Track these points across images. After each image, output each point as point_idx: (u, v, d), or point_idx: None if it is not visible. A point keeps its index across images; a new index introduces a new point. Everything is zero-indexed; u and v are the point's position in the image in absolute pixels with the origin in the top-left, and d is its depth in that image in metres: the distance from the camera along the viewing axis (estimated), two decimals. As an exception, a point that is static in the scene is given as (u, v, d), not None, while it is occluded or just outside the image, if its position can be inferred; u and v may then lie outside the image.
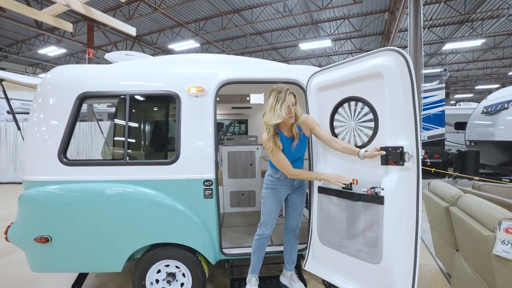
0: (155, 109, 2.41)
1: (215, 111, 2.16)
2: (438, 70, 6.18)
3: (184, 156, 2.08)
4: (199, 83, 2.15)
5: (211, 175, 2.09)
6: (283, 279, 2.29)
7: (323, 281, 2.57)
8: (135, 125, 2.30)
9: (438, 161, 5.92)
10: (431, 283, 2.55)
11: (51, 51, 12.84)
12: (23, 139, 2.21)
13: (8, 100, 2.41)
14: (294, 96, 1.89)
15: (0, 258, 3.20)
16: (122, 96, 2.15)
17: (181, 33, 11.93)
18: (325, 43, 11.93)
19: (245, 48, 13.79)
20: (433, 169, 5.59)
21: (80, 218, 2.00)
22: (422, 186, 1.74)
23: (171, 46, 12.49)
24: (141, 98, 2.24)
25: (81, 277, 2.50)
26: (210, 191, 2.08)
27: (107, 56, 2.86)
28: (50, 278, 2.70)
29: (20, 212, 2.07)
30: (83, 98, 2.13)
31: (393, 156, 1.66)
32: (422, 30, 5.65)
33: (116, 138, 2.65)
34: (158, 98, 2.32)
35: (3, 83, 2.48)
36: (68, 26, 5.20)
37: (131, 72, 2.24)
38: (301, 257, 2.45)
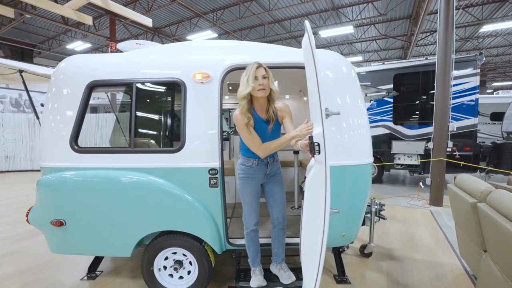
0: (162, 96, 2.40)
1: (221, 98, 2.09)
2: (472, 54, 5.62)
3: (189, 144, 2.05)
4: (204, 70, 2.08)
5: (216, 164, 2.04)
6: (273, 268, 2.23)
7: (334, 275, 2.47)
8: (142, 113, 2.30)
9: (469, 154, 5.45)
10: (453, 285, 2.35)
11: (78, 46, 13.43)
12: (40, 125, 2.30)
13: (27, 89, 2.51)
14: (266, 70, 1.83)
15: (29, 238, 3.45)
16: (128, 84, 2.14)
17: (199, 24, 11.92)
18: (347, 30, 11.32)
19: (263, 37, 13.51)
20: (462, 162, 5.16)
21: (90, 203, 2.06)
22: (447, 180, 1.54)
23: (189, 37, 12.55)
24: (148, 86, 2.23)
25: (97, 260, 2.62)
26: (215, 180, 2.04)
27: (119, 45, 2.88)
28: (70, 258, 2.86)
29: (38, 197, 2.17)
30: (92, 86, 2.15)
31: (311, 147, 1.51)
32: (456, 10, 5.13)
33: (122, 126, 2.70)
34: (164, 85, 2.29)
35: (22, 74, 2.59)
36: (88, 20, 5.36)
37: (138, 60, 2.22)
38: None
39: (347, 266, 2.63)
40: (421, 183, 5.53)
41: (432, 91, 5.75)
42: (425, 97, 6.14)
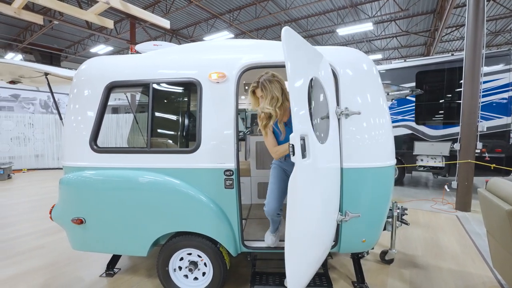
0: (179, 97, 2.41)
1: (237, 98, 2.06)
2: (505, 49, 5.23)
3: (204, 144, 2.03)
4: (220, 69, 2.06)
5: (232, 165, 2.01)
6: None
7: (353, 282, 2.37)
8: (158, 113, 2.32)
9: (501, 156, 5.08)
10: (485, 298, 2.18)
11: (101, 49, 14.01)
12: (63, 125, 2.38)
13: (51, 91, 2.62)
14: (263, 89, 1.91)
15: (55, 233, 3.60)
16: (145, 85, 2.17)
17: (216, 25, 12.04)
18: (366, 27, 10.96)
19: (279, 37, 13.38)
20: (493, 165, 4.81)
21: (108, 202, 2.10)
22: (476, 184, 1.41)
23: (206, 38, 12.71)
24: (164, 86, 2.24)
25: (115, 258, 2.68)
26: (231, 181, 2.01)
27: (137, 47, 2.93)
28: (91, 255, 2.95)
29: (60, 195, 2.25)
30: (110, 87, 2.20)
31: (290, 148, 1.50)
32: (487, 2, 4.80)
33: (140, 127, 2.75)
34: (181, 85, 2.30)
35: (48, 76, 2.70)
36: (109, 23, 5.55)
37: (155, 61, 2.24)
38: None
39: (366, 273, 2.51)
40: (446, 187, 5.22)
41: (458, 89, 5.42)
42: (450, 95, 5.81)
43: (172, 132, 2.43)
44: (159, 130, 2.35)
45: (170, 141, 2.37)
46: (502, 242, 2.02)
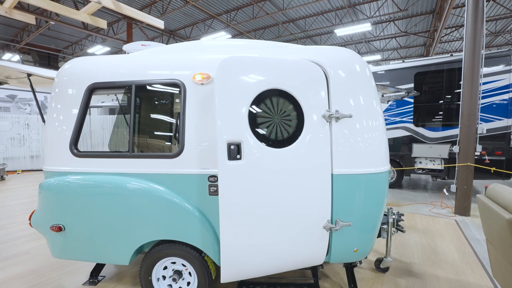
0: (162, 99, 2.31)
1: (223, 100, 1.96)
2: (505, 49, 5.14)
3: (188, 149, 1.94)
4: (204, 70, 1.97)
5: (216, 170, 1.91)
6: None
7: (346, 293, 2.27)
8: (141, 116, 2.22)
9: (501, 159, 4.98)
10: (484, 310, 2.07)
11: (98, 50, 13.96)
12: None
13: (34, 93, 2.52)
14: None
15: (40, 239, 3.50)
16: (127, 86, 2.07)
17: (213, 25, 11.97)
18: (364, 27, 10.87)
19: (277, 37, 13.35)
20: (493, 168, 4.71)
21: (87, 209, 2.00)
22: (475, 187, 1.32)
23: (203, 39, 12.63)
24: (147, 88, 2.14)
25: (100, 265, 2.58)
26: (215, 188, 1.92)
27: (125, 47, 2.83)
28: (77, 261, 2.84)
29: (39, 200, 2.15)
30: (92, 89, 2.10)
31: None
32: (486, 3, 4.71)
33: (121, 131, 2.66)
34: (164, 87, 2.20)
35: (30, 77, 2.61)
36: (102, 24, 5.46)
37: (139, 62, 2.15)
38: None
39: (360, 282, 2.41)
40: (445, 190, 5.12)
41: (457, 90, 5.33)
42: (449, 96, 5.71)
43: (155, 136, 2.33)
44: (141, 134, 2.25)
45: (153, 145, 2.28)
46: (502, 252, 1.92)
